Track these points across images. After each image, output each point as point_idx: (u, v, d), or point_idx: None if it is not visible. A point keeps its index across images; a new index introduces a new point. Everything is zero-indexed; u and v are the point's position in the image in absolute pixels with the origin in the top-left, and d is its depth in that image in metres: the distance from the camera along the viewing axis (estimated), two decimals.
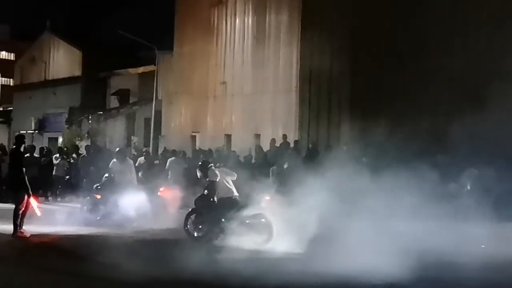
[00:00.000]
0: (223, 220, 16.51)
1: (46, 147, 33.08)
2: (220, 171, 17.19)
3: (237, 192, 16.99)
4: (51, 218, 19.77)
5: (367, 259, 13.07)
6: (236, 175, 17.35)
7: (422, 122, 26.41)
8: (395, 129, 25.60)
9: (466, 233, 16.07)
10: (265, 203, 16.70)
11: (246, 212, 16.53)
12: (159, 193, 20.73)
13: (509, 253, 15.10)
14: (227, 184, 16.94)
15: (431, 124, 26.42)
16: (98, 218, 19.86)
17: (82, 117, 44.77)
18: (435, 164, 20.28)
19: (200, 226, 16.91)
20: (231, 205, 16.68)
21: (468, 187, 19.87)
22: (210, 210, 16.85)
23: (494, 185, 19.02)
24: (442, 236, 15.86)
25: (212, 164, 17.51)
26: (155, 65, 38.95)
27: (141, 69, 42.21)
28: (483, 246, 15.72)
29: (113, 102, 45.27)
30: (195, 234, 16.91)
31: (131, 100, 43.85)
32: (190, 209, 17.40)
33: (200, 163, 17.98)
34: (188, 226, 17.02)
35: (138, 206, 19.86)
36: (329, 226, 15.60)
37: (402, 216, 16.29)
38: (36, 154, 28.49)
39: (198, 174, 17.45)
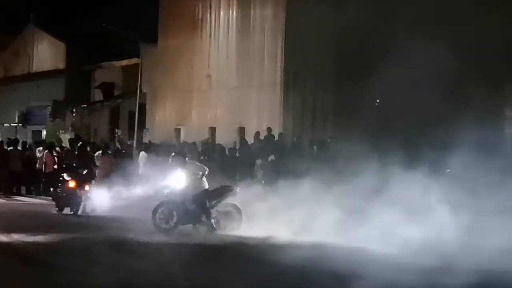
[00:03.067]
0: (199, 211, 17.56)
1: (26, 141, 33.03)
2: (190, 164, 18.09)
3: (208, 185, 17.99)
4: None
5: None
6: (207, 169, 18.23)
7: (408, 114, 26.46)
8: (381, 121, 25.72)
9: None
10: (236, 193, 18.04)
11: (221, 202, 17.85)
12: None
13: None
14: (198, 177, 17.76)
15: (417, 116, 26.48)
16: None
17: (66, 110, 44.57)
18: (423, 155, 20.34)
19: (169, 218, 17.57)
20: (205, 197, 17.68)
21: None
22: (183, 203, 17.61)
23: None
24: None
25: (187, 157, 18.23)
26: (139, 58, 38.81)
27: (125, 62, 42.03)
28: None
29: (97, 95, 45.09)
30: (163, 226, 17.54)
31: (115, 93, 43.70)
32: (158, 202, 17.89)
33: (173, 154, 18.59)
34: (157, 218, 17.59)
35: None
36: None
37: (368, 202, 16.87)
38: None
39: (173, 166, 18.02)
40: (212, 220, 17.64)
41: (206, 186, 17.93)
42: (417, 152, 20.43)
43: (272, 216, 17.39)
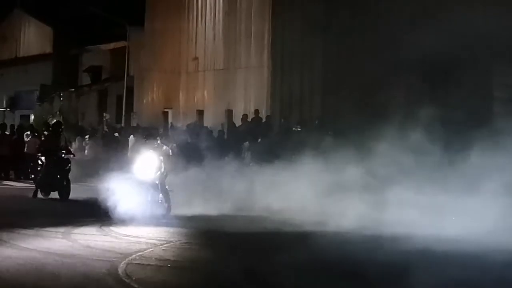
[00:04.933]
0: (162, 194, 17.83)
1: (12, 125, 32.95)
2: (159, 147, 18.09)
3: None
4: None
5: None
6: (170, 151, 18.33)
7: (395, 95, 26.48)
8: (368, 102, 25.72)
9: None
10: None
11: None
12: None
13: None
14: (162, 160, 17.85)
15: (404, 98, 26.50)
16: None
17: (54, 95, 44.46)
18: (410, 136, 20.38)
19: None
20: (160, 180, 17.81)
21: None
22: (153, 187, 17.77)
23: None
24: None
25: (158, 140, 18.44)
26: (126, 41, 38.67)
27: (112, 46, 41.89)
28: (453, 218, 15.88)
29: (85, 79, 44.97)
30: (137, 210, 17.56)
31: (103, 76, 43.59)
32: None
33: (144, 137, 18.72)
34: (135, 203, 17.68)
35: None
36: None
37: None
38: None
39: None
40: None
41: (162, 169, 18.02)
42: (405, 133, 20.48)
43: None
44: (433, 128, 19.73)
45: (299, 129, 24.64)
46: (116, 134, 29.29)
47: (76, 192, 20.99)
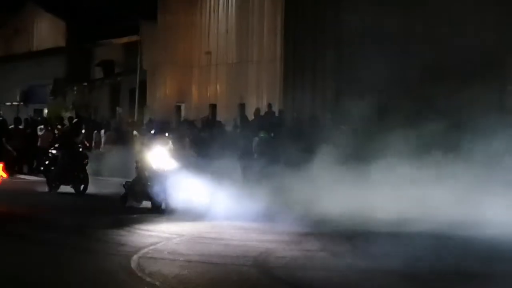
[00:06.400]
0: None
1: (30, 116, 33.02)
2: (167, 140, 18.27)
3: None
4: None
5: None
6: (171, 145, 18.27)
7: (409, 91, 26.44)
8: (380, 97, 25.67)
9: None
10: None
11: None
12: None
13: None
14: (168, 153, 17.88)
15: (418, 92, 26.46)
16: None
17: (67, 89, 44.59)
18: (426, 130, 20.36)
19: (137, 197, 17.76)
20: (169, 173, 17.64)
21: None
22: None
23: None
24: None
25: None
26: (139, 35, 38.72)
27: (125, 39, 41.93)
28: None
29: (98, 73, 45.06)
30: (132, 204, 17.72)
31: (116, 70, 43.65)
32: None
33: (152, 132, 18.74)
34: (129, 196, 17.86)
35: None
36: None
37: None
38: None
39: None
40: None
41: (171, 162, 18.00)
42: (420, 128, 20.48)
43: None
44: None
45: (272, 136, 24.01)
46: (129, 128, 29.42)
47: (91, 186, 21.04)
